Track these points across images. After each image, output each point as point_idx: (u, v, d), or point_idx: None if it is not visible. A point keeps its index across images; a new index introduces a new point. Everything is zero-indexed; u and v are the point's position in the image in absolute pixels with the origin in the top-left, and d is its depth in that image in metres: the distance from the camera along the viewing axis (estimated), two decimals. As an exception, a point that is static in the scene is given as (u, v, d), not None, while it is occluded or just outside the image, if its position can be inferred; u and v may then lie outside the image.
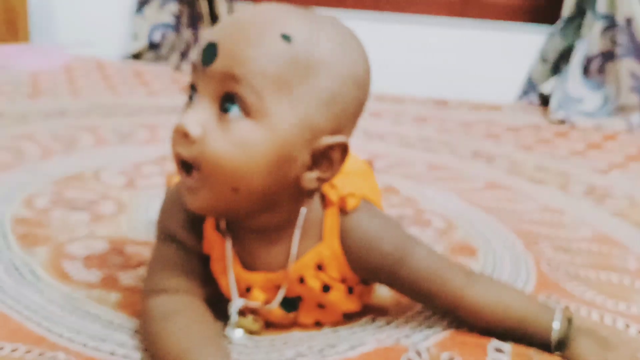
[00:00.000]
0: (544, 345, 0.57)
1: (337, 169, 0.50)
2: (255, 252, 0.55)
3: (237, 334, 0.56)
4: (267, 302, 0.56)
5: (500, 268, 0.78)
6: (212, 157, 0.46)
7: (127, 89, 1.72)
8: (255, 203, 0.50)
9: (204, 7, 1.94)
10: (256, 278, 0.55)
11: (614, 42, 1.71)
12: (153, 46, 2.04)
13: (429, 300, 0.59)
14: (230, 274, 0.55)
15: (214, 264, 0.56)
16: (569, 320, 0.58)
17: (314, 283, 0.55)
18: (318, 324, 0.59)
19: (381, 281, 0.58)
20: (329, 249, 0.54)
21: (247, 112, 0.46)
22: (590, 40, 1.76)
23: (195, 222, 0.56)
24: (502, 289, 0.60)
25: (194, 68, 0.49)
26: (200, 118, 0.47)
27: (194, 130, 0.46)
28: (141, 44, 2.02)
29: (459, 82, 2.01)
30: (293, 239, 0.53)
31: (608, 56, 1.75)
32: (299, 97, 0.47)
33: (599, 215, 1.05)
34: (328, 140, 0.49)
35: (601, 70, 1.78)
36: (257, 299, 0.56)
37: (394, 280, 0.57)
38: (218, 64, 0.47)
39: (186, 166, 0.49)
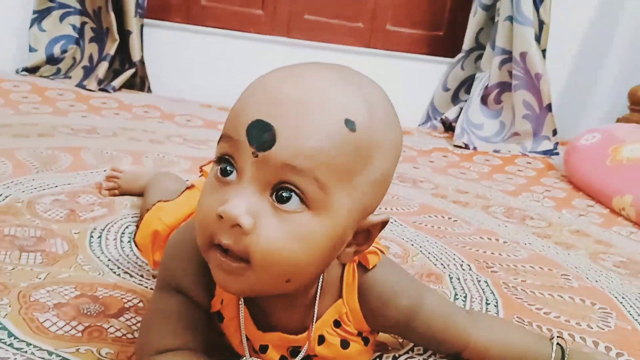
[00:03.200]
0: None
1: (373, 242, 0.49)
2: (272, 313, 0.53)
3: None
4: None
5: (468, 294, 0.82)
6: (268, 251, 0.42)
7: (30, 107, 1.57)
8: (298, 287, 0.47)
9: (111, 21, 1.83)
10: (272, 338, 0.53)
11: (510, 74, 1.89)
12: (51, 60, 1.88)
13: (439, 344, 0.60)
14: (243, 335, 0.52)
15: (227, 323, 0.54)
16: (563, 349, 0.61)
17: (333, 340, 0.54)
18: None
19: (394, 333, 0.59)
20: (347, 306, 0.54)
21: (307, 203, 0.42)
22: (490, 72, 1.92)
23: (207, 278, 0.50)
24: (502, 325, 0.65)
25: (235, 143, 0.43)
26: (251, 206, 0.42)
27: (247, 222, 0.41)
28: (38, 57, 1.85)
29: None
30: (316, 301, 0.52)
31: (505, 87, 1.93)
32: (356, 184, 0.44)
33: (526, 237, 1.15)
34: (374, 219, 0.47)
35: (498, 99, 1.95)
36: (272, 359, 0.54)
37: (408, 332, 0.58)
38: (277, 152, 0.41)
39: (224, 249, 0.44)
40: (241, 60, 2.10)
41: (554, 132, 1.91)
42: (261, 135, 0.41)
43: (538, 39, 1.82)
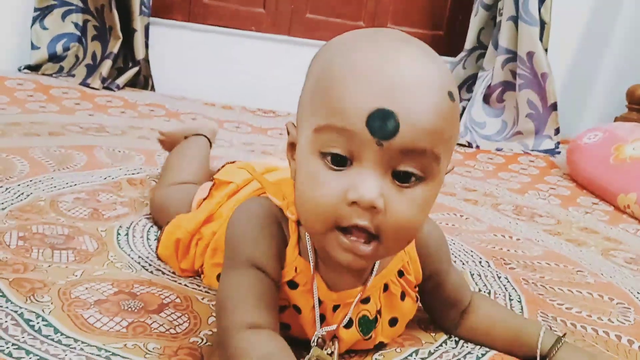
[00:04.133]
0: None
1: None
2: (342, 272, 0.56)
3: None
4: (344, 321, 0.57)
5: (491, 290, 0.84)
6: (399, 224, 0.46)
7: (36, 106, 1.56)
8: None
9: (114, 19, 1.82)
10: (342, 296, 0.56)
11: (514, 73, 1.91)
12: (54, 58, 1.87)
13: (447, 310, 0.66)
14: (316, 299, 0.55)
15: (301, 289, 0.56)
16: (558, 338, 0.62)
17: (395, 290, 0.59)
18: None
19: (431, 288, 0.64)
20: (409, 255, 0.60)
21: (424, 176, 0.47)
22: (493, 71, 1.95)
23: (278, 249, 0.54)
24: (498, 305, 0.70)
25: (350, 134, 0.44)
26: (380, 189, 0.45)
27: (381, 203, 0.45)
28: (41, 55, 1.84)
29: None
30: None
31: (508, 86, 1.95)
32: (452, 149, 0.49)
33: (537, 234, 1.17)
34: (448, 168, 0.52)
35: (500, 98, 1.98)
36: (338, 318, 0.57)
37: (439, 286, 0.64)
38: (400, 139, 0.44)
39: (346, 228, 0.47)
40: (243, 58, 2.10)
41: (557, 131, 1.94)
42: (385, 125, 0.43)
43: (541, 38, 1.85)
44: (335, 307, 0.57)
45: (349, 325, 0.57)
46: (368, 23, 2.19)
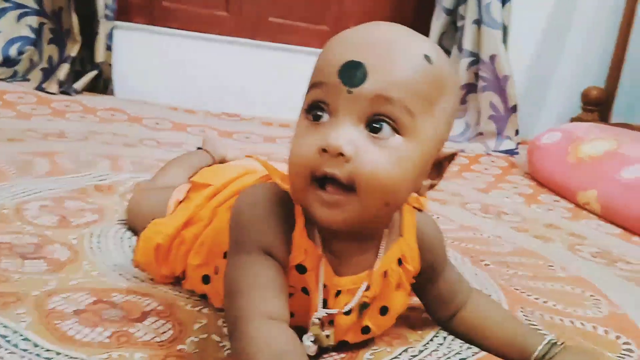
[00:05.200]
0: None
1: (443, 176, 0.55)
2: (347, 257, 0.56)
3: (309, 343, 0.55)
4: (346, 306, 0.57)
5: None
6: (371, 174, 0.47)
7: (-9, 111, 1.49)
8: (392, 214, 0.54)
9: (72, 22, 1.76)
10: (346, 282, 0.57)
11: (477, 76, 1.96)
12: (7, 62, 1.79)
13: (443, 305, 0.67)
14: (321, 283, 0.55)
15: (309, 273, 0.55)
16: (554, 344, 0.62)
17: (393, 278, 0.59)
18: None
19: (426, 280, 0.64)
20: (408, 244, 0.60)
21: (398, 130, 0.48)
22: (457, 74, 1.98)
23: (287, 234, 0.54)
24: (496, 306, 0.70)
25: (326, 87, 0.48)
26: (350, 137, 0.47)
27: (349, 149, 0.46)
28: (-7, 58, 1.76)
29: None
30: (383, 238, 0.57)
31: (471, 88, 1.99)
32: (436, 114, 0.50)
33: (506, 231, 1.19)
34: (447, 151, 0.53)
35: (463, 100, 2.02)
36: (339, 304, 0.56)
37: (435, 279, 0.65)
38: (369, 86, 0.47)
39: (321, 182, 0.48)
40: (206, 62, 2.07)
41: (516, 132, 1.99)
42: (353, 73, 0.47)
43: (504, 41, 1.89)
44: (338, 293, 0.57)
45: (348, 312, 0.57)
46: (332, 27, 2.20)
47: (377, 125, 0.48)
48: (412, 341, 0.66)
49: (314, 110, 0.49)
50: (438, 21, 2.02)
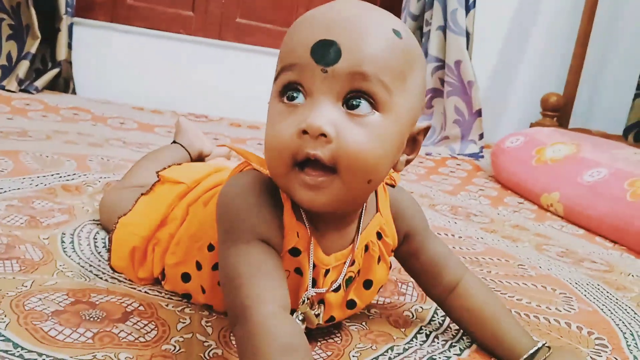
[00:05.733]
0: None
1: (419, 150, 0.55)
2: (331, 235, 0.57)
3: (298, 322, 0.55)
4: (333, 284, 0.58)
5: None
6: (353, 152, 0.47)
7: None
8: (372, 191, 0.54)
9: (32, 18, 1.71)
10: (331, 260, 0.57)
11: (442, 81, 1.99)
12: (-37, 57, 1.72)
13: (437, 273, 0.65)
14: (311, 263, 0.55)
15: (303, 255, 0.55)
16: (542, 349, 0.62)
17: (373, 252, 0.60)
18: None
19: (410, 251, 0.64)
20: (384, 218, 0.61)
21: (376, 106, 0.48)
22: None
23: (279, 218, 0.53)
24: (492, 296, 0.67)
25: (300, 67, 0.47)
26: (331, 116, 0.47)
27: (330, 129, 0.46)
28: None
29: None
30: (363, 216, 0.58)
31: (436, 93, 2.03)
32: (409, 88, 0.50)
33: (475, 232, 1.22)
34: (420, 125, 0.54)
35: (429, 105, 2.05)
36: (327, 282, 0.57)
37: (418, 251, 0.64)
38: (344, 63, 0.46)
39: (302, 165, 0.48)
40: (171, 61, 2.05)
41: (481, 136, 2.03)
42: (327, 51, 0.46)
43: (468, 48, 1.94)
44: (327, 272, 0.57)
45: (336, 289, 0.58)
46: (299, 29, 2.20)
47: (355, 103, 0.47)
48: (396, 338, 0.66)
49: (288, 91, 0.48)
50: (405, 26, 2.05)
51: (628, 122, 2.12)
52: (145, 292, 0.68)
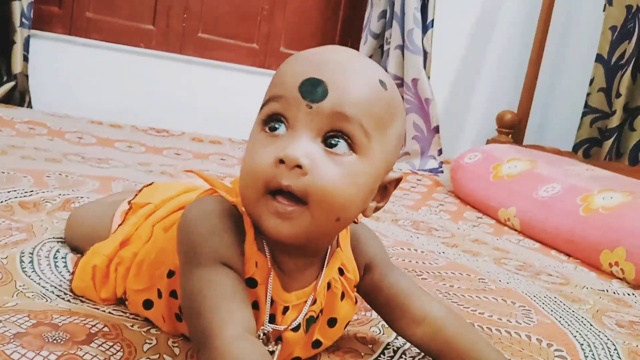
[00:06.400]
0: None
1: (388, 199, 0.57)
2: (293, 272, 0.56)
3: None
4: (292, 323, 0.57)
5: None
6: (325, 188, 0.48)
7: None
8: (340, 231, 0.54)
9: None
10: (291, 298, 0.56)
11: (402, 98, 2.03)
12: None
13: (397, 312, 0.64)
14: (268, 297, 0.55)
15: (259, 287, 0.54)
16: None
17: (336, 289, 0.60)
18: None
19: (372, 285, 0.64)
20: (345, 254, 0.61)
21: (353, 148, 0.50)
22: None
23: (240, 245, 0.53)
24: (459, 319, 0.67)
25: (286, 100, 0.49)
26: (309, 150, 0.48)
27: (306, 162, 0.47)
28: None
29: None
30: (327, 254, 0.59)
31: (396, 110, 2.06)
32: (387, 137, 0.52)
33: (437, 246, 1.24)
34: (393, 175, 0.55)
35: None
36: (287, 320, 0.56)
37: (380, 283, 0.63)
38: (328, 102, 0.49)
39: (274, 193, 0.49)
40: (131, 75, 2.02)
41: (439, 152, 2.08)
42: (314, 89, 0.49)
43: (425, 66, 1.99)
44: (285, 309, 0.56)
45: (296, 328, 0.57)
46: (261, 45, 2.21)
47: (333, 142, 0.49)
48: (364, 355, 0.67)
49: (271, 122, 0.50)
50: (366, 45, 2.09)
51: (577, 139, 2.21)
52: (109, 312, 0.66)
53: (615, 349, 0.80)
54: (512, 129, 2.22)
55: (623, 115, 1.99)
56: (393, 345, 0.70)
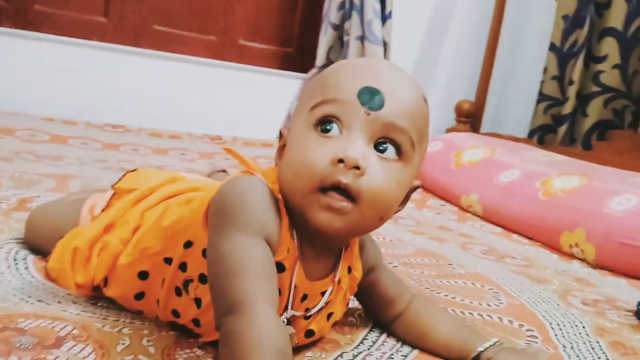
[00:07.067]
0: None
1: (406, 204, 0.60)
2: (314, 262, 0.59)
3: None
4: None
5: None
6: (377, 189, 0.52)
7: None
8: (377, 228, 0.57)
9: None
10: (315, 286, 0.59)
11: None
12: None
13: (387, 305, 0.69)
14: (293, 284, 0.57)
15: (286, 273, 0.56)
16: (493, 345, 0.65)
17: (344, 284, 0.63)
18: None
19: (368, 284, 0.68)
20: (355, 254, 0.64)
21: (400, 155, 0.54)
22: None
23: (279, 227, 0.54)
24: (436, 306, 0.72)
25: (342, 104, 0.52)
26: (364, 152, 0.52)
27: (363, 164, 0.51)
28: None
29: (219, 120, 2.08)
30: (343, 252, 0.62)
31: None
32: (423, 148, 0.57)
33: (404, 234, 1.25)
34: (417, 182, 0.59)
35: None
36: (301, 307, 0.59)
37: (375, 283, 0.68)
38: (385, 112, 0.52)
39: (325, 189, 0.51)
40: (84, 69, 1.95)
41: (401, 142, 2.09)
42: (372, 97, 0.52)
43: (385, 57, 1.99)
44: (303, 298, 0.59)
45: (308, 317, 0.60)
46: (219, 38, 2.17)
47: (383, 147, 0.53)
48: (344, 344, 0.66)
49: (325, 124, 0.53)
50: (326, 36, 2.08)
51: (532, 126, 2.26)
52: (77, 313, 0.64)
53: (583, 327, 0.83)
54: (470, 118, 2.26)
55: (576, 102, 2.05)
56: (372, 336, 0.70)
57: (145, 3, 2.05)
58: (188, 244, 0.58)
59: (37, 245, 0.77)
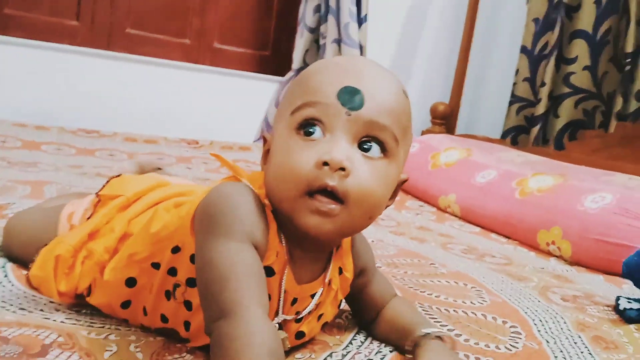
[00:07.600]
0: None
1: (395, 198, 0.60)
2: (303, 265, 0.59)
3: None
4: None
5: (371, 287, 0.88)
6: (363, 190, 0.52)
7: None
8: (366, 228, 0.57)
9: None
10: (303, 289, 0.59)
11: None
12: None
13: (370, 309, 0.70)
14: (283, 288, 0.57)
15: (275, 277, 0.56)
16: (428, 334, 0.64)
17: (335, 286, 0.63)
18: None
19: (358, 287, 0.68)
20: (346, 254, 0.64)
21: (385, 152, 0.54)
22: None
23: (267, 233, 0.54)
24: (406, 305, 0.71)
25: (323, 106, 0.52)
26: (348, 153, 0.52)
27: (349, 165, 0.51)
28: None
29: (195, 124, 2.07)
30: (334, 253, 0.62)
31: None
32: (407, 142, 0.57)
33: (385, 235, 1.26)
34: (403, 176, 0.59)
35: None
36: (292, 311, 0.59)
37: (366, 286, 0.68)
38: (366, 112, 0.52)
39: (312, 193, 0.51)
40: (56, 74, 1.91)
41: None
42: (352, 97, 0.52)
43: (361, 59, 2.00)
44: (294, 301, 0.59)
45: (300, 319, 0.60)
46: (194, 41, 2.15)
47: (367, 146, 0.53)
48: (333, 345, 0.66)
49: (307, 127, 0.52)
50: (301, 39, 2.08)
51: (505, 127, 2.30)
52: (61, 321, 0.62)
53: (565, 322, 0.84)
54: (445, 120, 2.29)
55: (548, 103, 2.09)
56: (360, 336, 0.70)
57: (118, 6, 2.02)
58: (176, 249, 0.57)
59: (15, 254, 0.75)
